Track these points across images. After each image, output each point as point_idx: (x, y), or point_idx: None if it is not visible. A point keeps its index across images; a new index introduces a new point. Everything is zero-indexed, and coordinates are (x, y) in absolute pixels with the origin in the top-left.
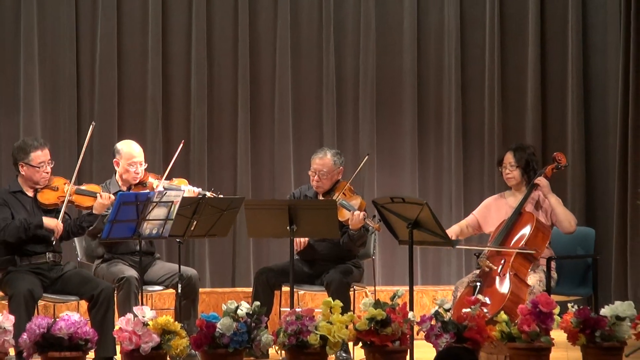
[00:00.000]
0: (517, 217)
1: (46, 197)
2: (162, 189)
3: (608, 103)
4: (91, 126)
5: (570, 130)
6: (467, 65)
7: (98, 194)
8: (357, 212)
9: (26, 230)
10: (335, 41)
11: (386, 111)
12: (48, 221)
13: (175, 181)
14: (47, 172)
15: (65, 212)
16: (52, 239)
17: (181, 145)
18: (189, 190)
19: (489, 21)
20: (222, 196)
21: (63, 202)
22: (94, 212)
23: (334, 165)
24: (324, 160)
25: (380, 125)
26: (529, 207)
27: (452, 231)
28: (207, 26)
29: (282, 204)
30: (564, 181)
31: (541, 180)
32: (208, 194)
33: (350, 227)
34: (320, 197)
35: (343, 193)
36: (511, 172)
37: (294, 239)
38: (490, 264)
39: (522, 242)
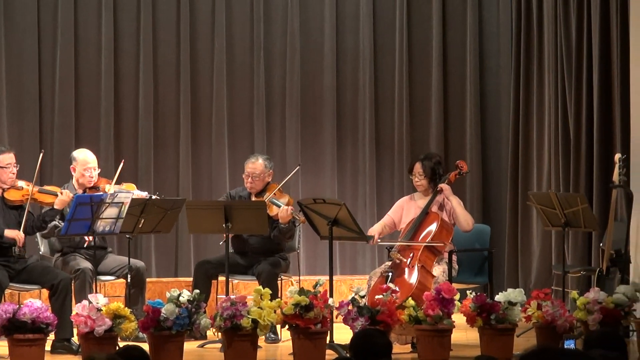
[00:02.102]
0: (424, 216)
1: (12, 195)
2: (114, 192)
3: (501, 118)
4: (41, 154)
5: (468, 140)
6: (379, 84)
7: (59, 192)
8: (285, 207)
9: None
10: (265, 63)
11: (309, 123)
12: (9, 233)
13: (124, 186)
14: (13, 174)
15: (29, 211)
16: (16, 248)
17: (121, 164)
18: (137, 194)
19: (398, 47)
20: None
21: (27, 199)
22: (55, 207)
23: (265, 169)
24: (256, 164)
25: (305, 135)
26: (434, 208)
27: (375, 230)
28: (153, 50)
29: (219, 204)
30: (464, 184)
31: (444, 186)
32: (154, 197)
33: (280, 221)
34: (254, 197)
35: (274, 193)
36: (420, 180)
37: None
38: (401, 257)
39: (429, 237)
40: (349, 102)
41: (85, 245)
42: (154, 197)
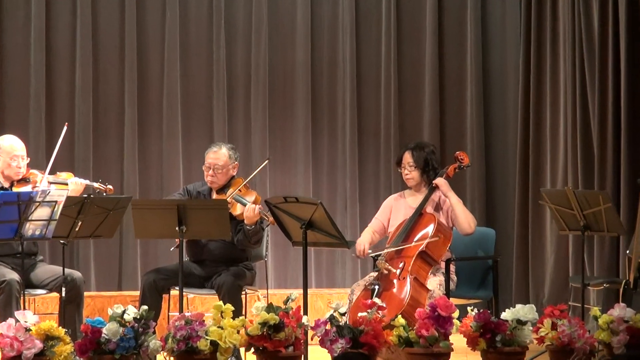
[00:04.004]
0: (417, 218)
1: None
2: (46, 187)
3: (508, 99)
4: None
5: (469, 126)
6: (362, 59)
7: None
8: (252, 205)
9: None
10: (226, 35)
11: (279, 107)
12: None
13: (61, 175)
14: None
15: None
16: None
17: (65, 128)
18: (75, 182)
19: (385, 14)
20: (110, 186)
21: None
22: None
23: (229, 160)
24: (218, 154)
25: (273, 122)
26: (429, 208)
27: (364, 241)
28: (92, 20)
29: (171, 203)
30: (463, 180)
31: (439, 180)
32: (96, 184)
33: (245, 221)
34: (215, 194)
35: (239, 190)
36: (410, 172)
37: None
38: (389, 267)
39: (423, 244)
40: (325, 81)
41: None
42: (95, 185)
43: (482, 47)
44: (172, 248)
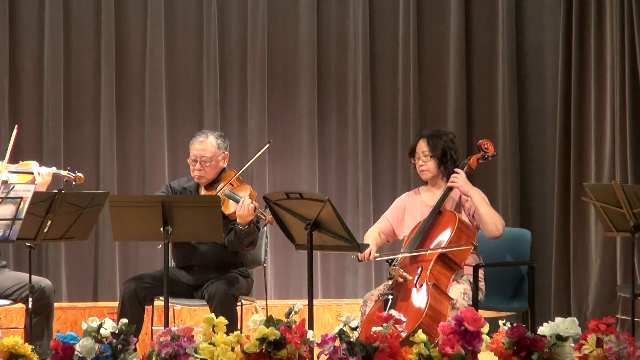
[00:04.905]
0: (435, 218)
1: None
2: (7, 181)
3: (545, 80)
4: None
5: (500, 112)
6: (376, 33)
7: None
8: (246, 201)
9: None
10: (218, 4)
11: (279, 89)
12: None
13: (25, 163)
14: None
15: None
16: None
17: (15, 132)
18: (42, 172)
19: None
20: (80, 174)
21: None
22: None
23: (218, 150)
24: (205, 144)
25: (273, 105)
26: (449, 206)
27: (370, 241)
28: None
29: (154, 200)
30: (494, 174)
31: (457, 180)
32: (63, 172)
33: (238, 220)
34: (203, 190)
35: (230, 184)
36: (425, 163)
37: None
38: (405, 274)
39: (442, 246)
40: (334, 59)
41: None
42: (62, 172)
43: (515, 20)
44: (160, 246)
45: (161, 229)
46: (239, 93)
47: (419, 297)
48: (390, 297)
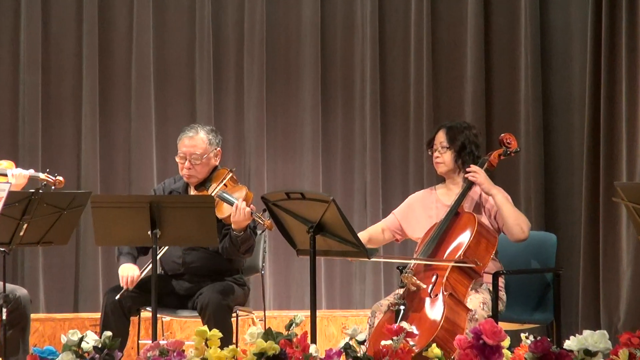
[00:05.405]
0: (452, 219)
1: None
2: None
3: (572, 67)
4: None
5: (522, 103)
6: (386, 17)
7: None
8: (242, 205)
9: None
10: None
11: (280, 78)
12: None
13: (2, 163)
14: None
15: None
16: None
17: None
18: (17, 175)
19: None
20: (60, 177)
21: None
22: None
23: (209, 146)
24: (195, 139)
25: (272, 96)
26: (467, 206)
27: (363, 237)
28: None
29: (141, 200)
30: (515, 172)
31: (476, 174)
32: (42, 175)
33: (232, 226)
34: (193, 191)
35: (224, 184)
36: (441, 155)
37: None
38: (418, 282)
39: (460, 252)
40: (340, 45)
41: None
42: (41, 175)
43: (539, 1)
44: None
45: (149, 232)
46: (235, 83)
47: (434, 308)
48: (401, 307)
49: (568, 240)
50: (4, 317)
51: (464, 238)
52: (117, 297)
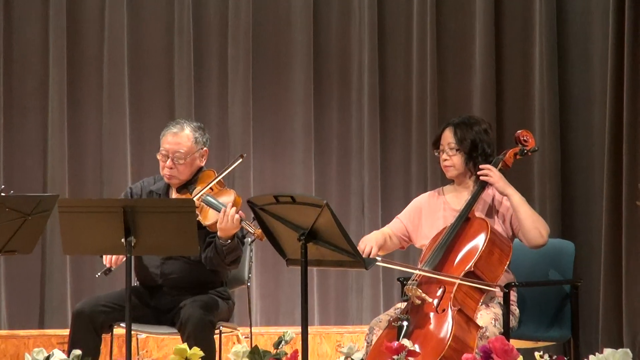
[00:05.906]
0: (462, 225)
1: None
2: None
3: (592, 58)
4: None
5: (537, 98)
6: (386, 2)
7: None
8: (230, 211)
9: None
10: None
11: (267, 68)
12: None
13: None
14: None
15: None
16: None
17: None
18: None
19: None
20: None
21: None
22: None
23: (195, 145)
24: (179, 137)
25: (260, 89)
26: (478, 211)
27: (372, 239)
28: None
29: (114, 204)
30: (529, 173)
31: (492, 175)
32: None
33: (219, 234)
34: (174, 194)
35: (210, 188)
36: (450, 157)
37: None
38: (424, 295)
39: (471, 263)
40: (334, 33)
41: None
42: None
43: None
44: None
45: (122, 240)
46: (217, 73)
47: (441, 325)
48: (404, 323)
49: (587, 248)
50: None
51: (475, 247)
52: (98, 274)
